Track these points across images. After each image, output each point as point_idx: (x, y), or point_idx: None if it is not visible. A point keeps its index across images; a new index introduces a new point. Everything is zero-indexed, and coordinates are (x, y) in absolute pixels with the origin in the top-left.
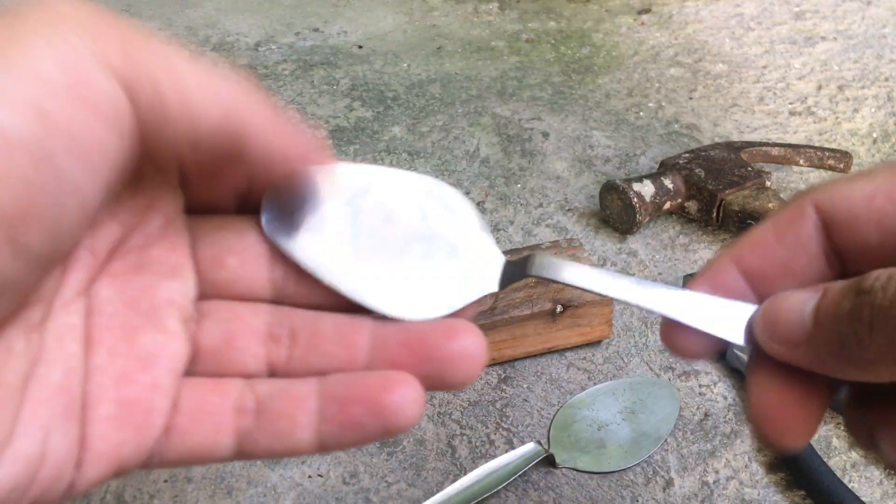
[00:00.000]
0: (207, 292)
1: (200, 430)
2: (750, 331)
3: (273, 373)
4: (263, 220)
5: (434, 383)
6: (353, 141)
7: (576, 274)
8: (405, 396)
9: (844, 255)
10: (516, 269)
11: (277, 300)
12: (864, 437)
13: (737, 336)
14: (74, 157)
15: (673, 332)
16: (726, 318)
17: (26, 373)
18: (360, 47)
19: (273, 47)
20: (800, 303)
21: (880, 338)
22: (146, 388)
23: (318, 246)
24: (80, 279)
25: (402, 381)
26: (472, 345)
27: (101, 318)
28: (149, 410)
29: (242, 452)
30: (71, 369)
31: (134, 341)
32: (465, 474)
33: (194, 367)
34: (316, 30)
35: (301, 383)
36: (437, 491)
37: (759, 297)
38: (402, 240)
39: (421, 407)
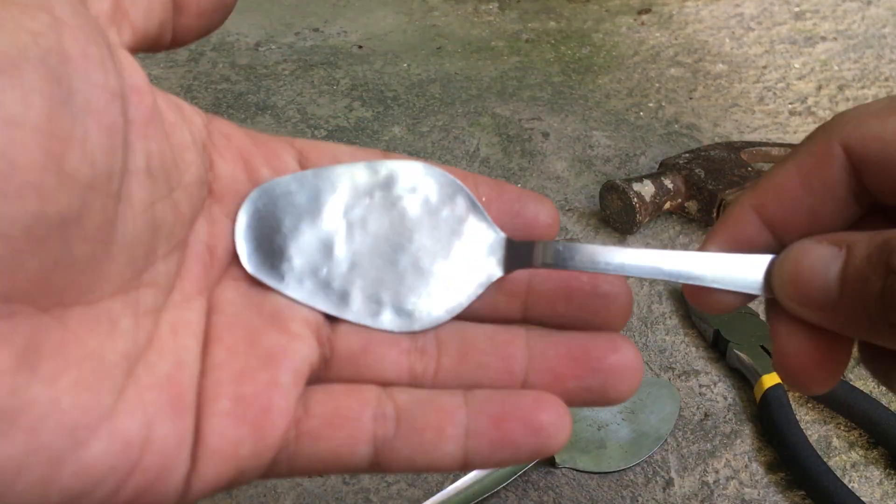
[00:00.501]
0: None
1: (335, 435)
2: (768, 281)
3: (417, 384)
4: (244, 254)
5: (594, 397)
6: (353, 141)
7: (587, 258)
8: (560, 417)
9: (878, 196)
10: (522, 252)
11: None
12: (881, 376)
13: (758, 288)
14: (83, 76)
15: (696, 292)
16: (747, 272)
17: (133, 355)
18: (360, 47)
19: (273, 47)
20: (822, 263)
21: None
22: (264, 385)
23: (310, 275)
24: (199, 276)
25: (554, 402)
26: (633, 357)
27: (223, 318)
28: (267, 408)
29: (379, 463)
30: (183, 362)
31: (256, 341)
32: (465, 474)
33: (328, 373)
34: (316, 30)
35: (447, 395)
36: (437, 491)
37: (783, 246)
38: (398, 241)
39: (570, 430)
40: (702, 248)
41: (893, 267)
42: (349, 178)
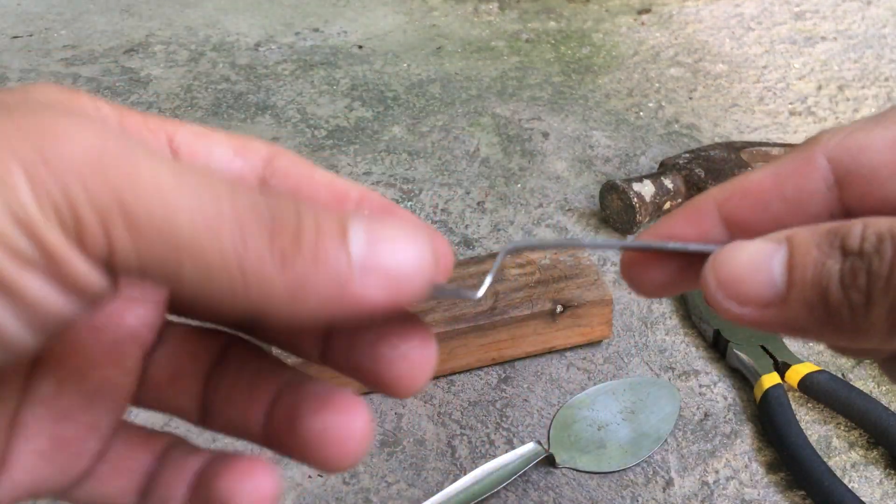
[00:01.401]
0: None
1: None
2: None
3: None
4: None
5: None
6: (353, 141)
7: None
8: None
9: (858, 213)
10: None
11: None
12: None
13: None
14: None
15: (632, 265)
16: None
17: None
18: (360, 47)
19: (273, 47)
20: (764, 256)
21: (879, 309)
22: (85, 428)
23: None
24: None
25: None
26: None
27: (57, 345)
28: (81, 452)
29: None
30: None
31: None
32: (465, 474)
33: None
34: (316, 30)
35: None
36: (437, 491)
37: None
38: None
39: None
40: (651, 230)
41: (850, 248)
42: None
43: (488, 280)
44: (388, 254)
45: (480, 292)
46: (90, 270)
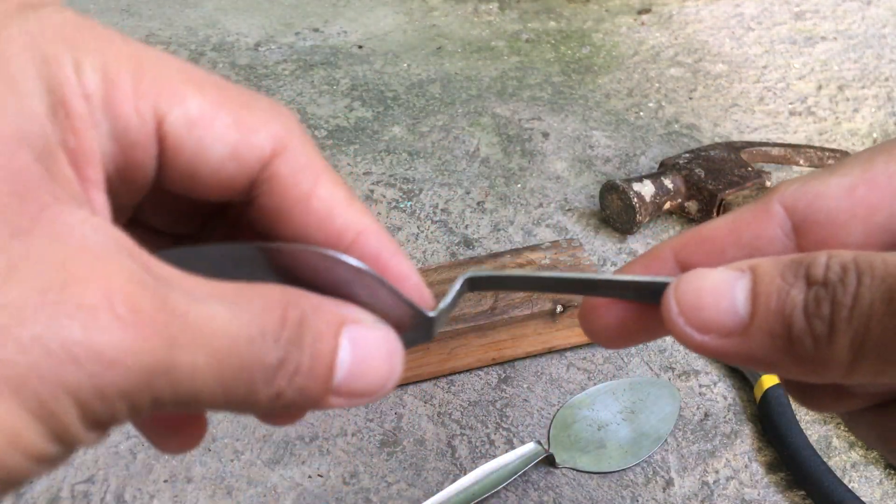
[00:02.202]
0: None
1: None
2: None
3: None
4: None
5: None
6: (353, 141)
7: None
8: None
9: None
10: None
11: None
12: (797, 394)
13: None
14: None
15: (590, 310)
16: (647, 284)
17: None
18: (360, 47)
19: (273, 47)
20: (726, 284)
21: (842, 339)
22: None
23: None
24: None
25: None
26: None
27: None
28: None
29: None
30: None
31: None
32: (465, 474)
33: None
34: (316, 30)
35: None
36: (437, 491)
37: None
38: None
39: None
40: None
41: (814, 278)
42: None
43: (444, 304)
44: (364, 382)
45: (434, 313)
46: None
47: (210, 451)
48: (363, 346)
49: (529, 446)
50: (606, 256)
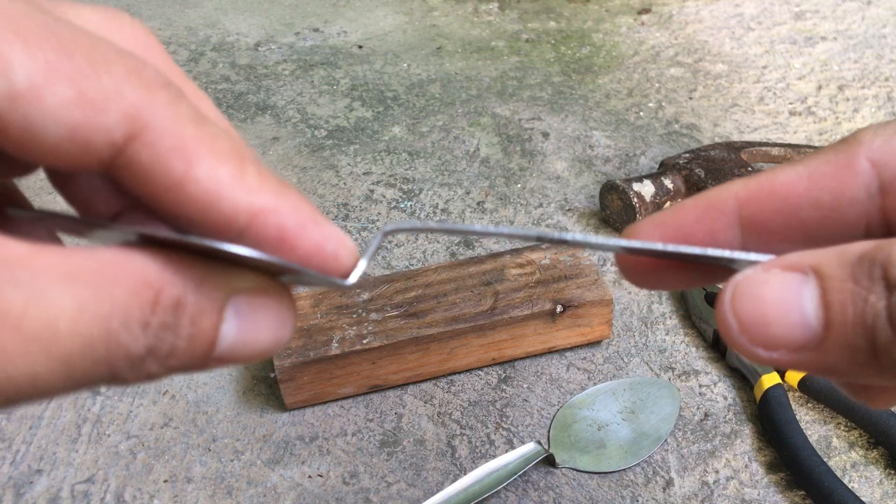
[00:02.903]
0: None
1: None
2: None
3: None
4: None
5: None
6: (353, 141)
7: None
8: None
9: None
10: None
11: None
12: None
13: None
14: None
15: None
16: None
17: None
18: (360, 47)
19: (273, 47)
20: (791, 293)
21: None
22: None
23: None
24: None
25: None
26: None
27: None
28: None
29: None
30: None
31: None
32: (465, 474)
33: None
34: (316, 30)
35: None
36: (437, 491)
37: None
38: None
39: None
40: (658, 218)
41: (893, 280)
42: None
43: (362, 265)
44: (248, 349)
45: (352, 279)
46: None
47: (210, 451)
48: (250, 316)
49: (529, 446)
50: (606, 256)
